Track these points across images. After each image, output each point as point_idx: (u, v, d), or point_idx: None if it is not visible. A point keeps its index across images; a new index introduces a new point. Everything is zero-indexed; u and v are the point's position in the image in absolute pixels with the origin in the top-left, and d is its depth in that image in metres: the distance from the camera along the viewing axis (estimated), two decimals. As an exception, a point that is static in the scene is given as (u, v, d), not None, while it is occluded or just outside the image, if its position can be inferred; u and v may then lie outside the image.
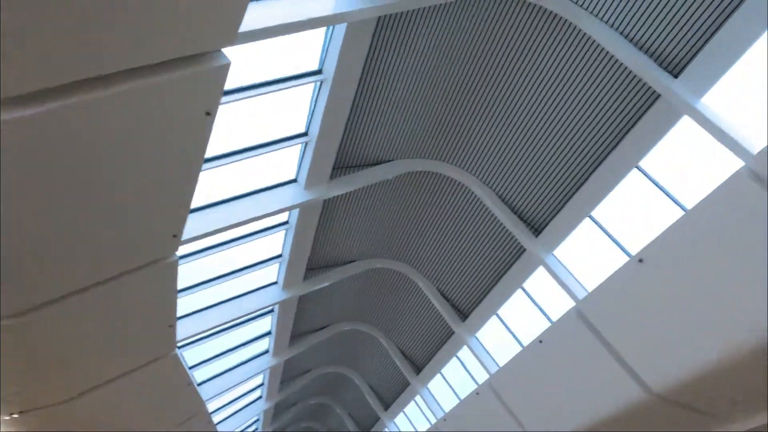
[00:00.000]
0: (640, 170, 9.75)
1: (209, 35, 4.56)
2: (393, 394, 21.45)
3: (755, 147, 7.95)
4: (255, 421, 22.62)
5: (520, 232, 11.94)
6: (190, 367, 14.29)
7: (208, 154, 9.29)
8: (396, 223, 14.43)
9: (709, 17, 7.98)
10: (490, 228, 13.04)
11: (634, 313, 5.99)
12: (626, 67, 8.97)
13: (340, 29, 8.43)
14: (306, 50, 8.93)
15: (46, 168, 4.90)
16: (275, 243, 13.26)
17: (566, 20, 9.06)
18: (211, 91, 5.34)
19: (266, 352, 17.83)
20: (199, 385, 13.71)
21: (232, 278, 12.93)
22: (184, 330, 12.03)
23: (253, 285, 14.02)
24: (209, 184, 9.79)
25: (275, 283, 14.43)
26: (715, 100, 8.28)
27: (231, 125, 9.27)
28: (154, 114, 5.20)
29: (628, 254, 10.59)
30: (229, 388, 16.80)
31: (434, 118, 11.37)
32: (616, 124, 9.72)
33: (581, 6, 8.87)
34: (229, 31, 4.68)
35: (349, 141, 11.09)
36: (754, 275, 4.60)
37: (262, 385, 20.49)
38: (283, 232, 12.92)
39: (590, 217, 10.83)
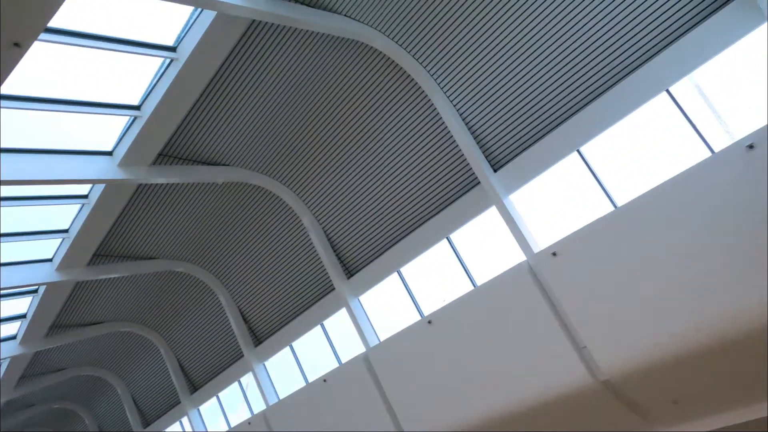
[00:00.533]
0: (449, 241, 10.80)
1: (49, -40, 3.93)
2: (158, 412, 19.55)
3: (539, 246, 9.40)
4: (-29, 419, 18.57)
5: (335, 271, 12.19)
6: None
7: (16, 92, 7.86)
8: (212, 231, 13.64)
9: (535, 127, 9.40)
10: (308, 260, 13.08)
11: (415, 366, 6.45)
12: (459, 148, 10.03)
13: (209, 16, 7.97)
14: (165, 23, 8.22)
15: None
16: (63, 216, 11.46)
17: (421, 88, 9.88)
18: (27, 23, 4.56)
19: (12, 338, 14.95)
20: None
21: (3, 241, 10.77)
22: None
23: (20, 256, 11.83)
24: (9, 127, 8.22)
25: (49, 260, 12.38)
26: (520, 198, 9.67)
27: (58, 70, 8.03)
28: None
29: (420, 313, 11.47)
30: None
31: (280, 137, 11.25)
32: (440, 196, 10.70)
33: (436, 80, 9.77)
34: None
35: (185, 131, 10.33)
36: (514, 349, 5.33)
37: (-6, 376, 17.01)
38: (78, 206, 11.28)
39: (398, 272, 11.56)
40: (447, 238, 10.80)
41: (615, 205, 8.81)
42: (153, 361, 18.39)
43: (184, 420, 18.44)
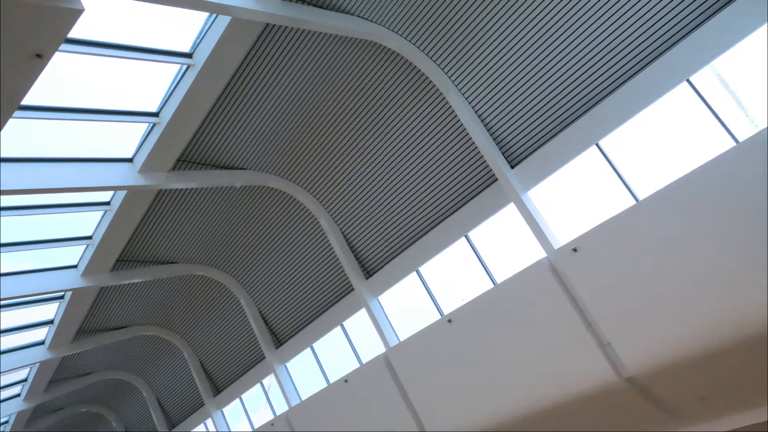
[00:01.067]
0: (467, 239, 10.73)
1: (67, -29, 4.00)
2: (182, 414, 19.82)
3: (559, 243, 9.29)
4: (3, 423, 19.04)
5: (354, 272, 12.21)
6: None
7: (38, 102, 8.04)
8: (231, 234, 13.78)
9: (553, 122, 9.29)
10: (327, 262, 13.13)
11: (436, 366, 6.41)
12: (475, 146, 9.96)
13: (223, 21, 8.05)
14: (181, 30, 8.33)
15: None
16: (86, 222, 11.69)
17: (435, 86, 9.84)
18: (49, 34, 4.65)
19: (41, 343, 15.30)
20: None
21: (24, 250, 11.02)
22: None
23: (47, 263, 12.09)
24: (32, 137, 8.42)
25: (74, 266, 12.63)
26: (539, 194, 9.57)
27: (78, 80, 8.19)
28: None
29: (440, 312, 11.43)
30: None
31: (297, 140, 11.31)
32: (457, 194, 10.64)
33: (450, 78, 9.72)
34: (93, -23, 4.16)
35: (202, 136, 10.45)
36: (536, 347, 5.26)
37: (24, 381, 17.43)
38: (101, 213, 11.49)
39: (417, 271, 11.53)
40: (465, 236, 10.74)
41: (636, 199, 8.66)
42: (177, 363, 18.65)
43: (209, 422, 18.66)
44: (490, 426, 5.94)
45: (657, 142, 8.52)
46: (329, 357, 14.42)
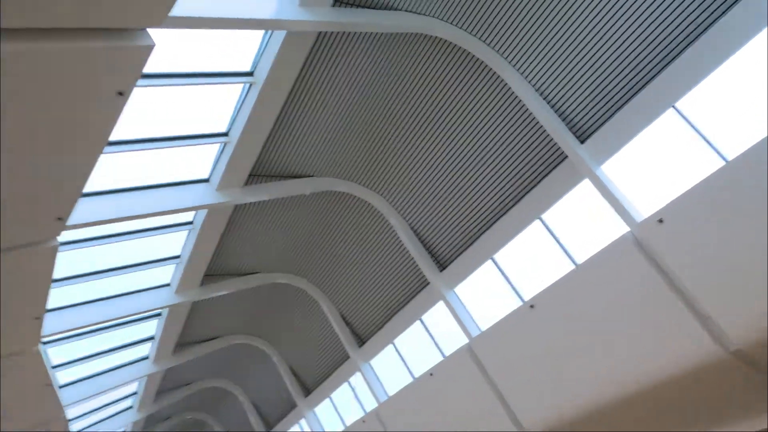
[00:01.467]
0: (542, 222, 10.43)
1: (135, 11, 4.29)
2: (277, 416, 20.73)
3: (641, 215, 8.83)
4: (121, 433, 20.78)
5: (427, 266, 12.23)
6: (55, 367, 12.89)
7: (118, 137, 8.73)
8: (306, 240, 14.22)
9: (621, 89, 8.83)
10: (399, 258, 13.24)
11: (521, 354, 6.29)
12: (540, 125, 9.65)
13: (279, 36, 8.32)
14: (240, 50, 8.71)
15: None
16: (174, 243, 12.50)
17: (492, 71, 9.63)
18: (127, 71, 5.02)
19: (145, 358, 16.56)
20: (62, 387, 12.40)
21: (121, 274, 11.98)
22: (54, 324, 10.89)
23: (142, 284, 13.05)
24: (115, 169, 9.11)
25: (167, 285, 13.54)
26: (614, 168, 9.12)
27: (150, 111, 8.76)
28: (64, 81, 4.77)
29: (521, 299, 11.19)
30: (97, 394, 15.33)
31: (359, 141, 11.47)
32: (525, 177, 10.37)
33: (507, 59, 9.48)
34: (158, 12, 4.43)
35: (270, 149, 10.86)
36: (627, 327, 5.03)
37: (135, 393, 18.93)
38: (185, 232, 12.24)
39: (492, 259, 11.36)
40: (539, 218, 10.44)
41: (725, 159, 8.04)
42: (267, 368, 19.51)
43: (303, 422, 19.38)
44: (586, 412, 5.75)
45: (743, 97, 7.87)
46: (412, 352, 14.53)
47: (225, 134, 9.91)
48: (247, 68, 8.87)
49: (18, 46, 4.23)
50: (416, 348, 14.18)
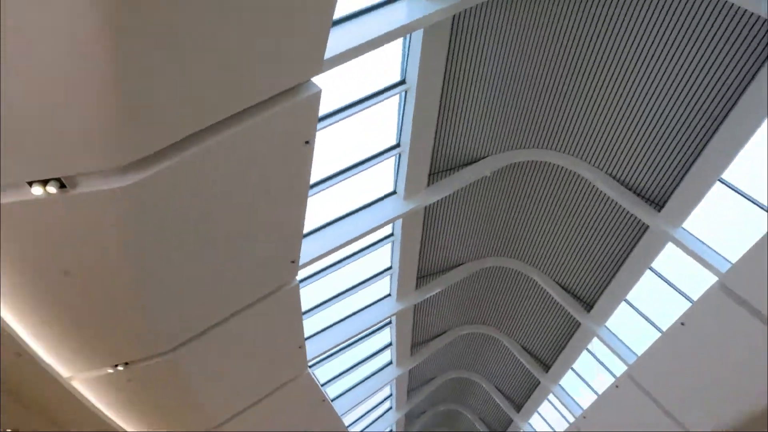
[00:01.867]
0: (771, 120, 8.60)
1: (298, 68, 4.84)
2: (523, 395, 20.76)
3: None
4: (388, 432, 23.07)
5: (641, 210, 11.05)
6: (322, 384, 14.97)
7: (311, 180, 9.83)
8: (501, 219, 14.08)
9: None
10: (605, 211, 12.25)
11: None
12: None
13: (417, 36, 8.48)
14: (387, 63, 9.08)
15: (170, 223, 5.45)
16: (384, 256, 13.53)
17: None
18: (307, 120, 5.66)
19: (390, 363, 18.17)
20: (332, 401, 14.30)
21: (349, 295, 13.40)
22: (311, 350, 12.66)
23: (368, 300, 14.40)
24: (315, 208, 10.26)
25: (389, 295, 14.71)
26: None
27: (326, 149, 9.65)
28: (258, 151, 5.61)
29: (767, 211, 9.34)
30: (360, 402, 17.33)
31: (526, 107, 10.99)
32: (728, 85, 8.71)
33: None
34: (316, 61, 4.91)
35: (441, 145, 11.07)
36: None
37: (390, 396, 20.87)
38: (390, 244, 13.16)
39: (720, 180, 9.70)
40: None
41: None
42: (500, 352, 19.73)
43: (551, 397, 19.06)
44: None
45: None
46: (649, 306, 13.26)
47: (397, 145, 10.43)
48: (397, 78, 9.21)
49: (218, 137, 5.06)
50: (654, 299, 12.89)
